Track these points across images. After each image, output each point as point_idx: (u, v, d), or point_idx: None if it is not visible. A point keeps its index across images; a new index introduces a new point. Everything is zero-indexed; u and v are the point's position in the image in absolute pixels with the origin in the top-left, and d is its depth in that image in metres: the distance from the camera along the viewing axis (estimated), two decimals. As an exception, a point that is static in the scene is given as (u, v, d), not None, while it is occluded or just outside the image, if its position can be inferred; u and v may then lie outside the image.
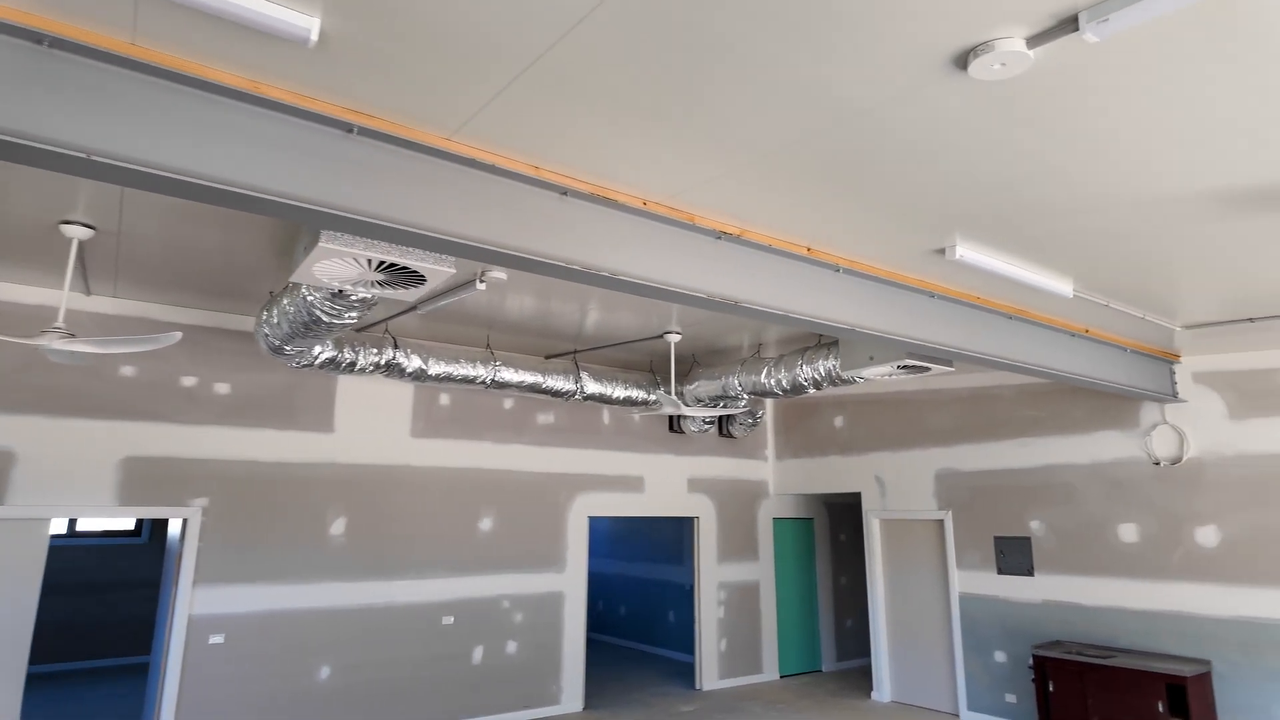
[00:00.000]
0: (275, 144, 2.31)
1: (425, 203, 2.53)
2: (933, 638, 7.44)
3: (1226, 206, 2.93)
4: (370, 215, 2.45)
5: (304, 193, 2.36)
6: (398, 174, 2.49)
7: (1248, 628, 5.48)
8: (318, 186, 2.38)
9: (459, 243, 2.60)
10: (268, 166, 2.32)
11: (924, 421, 7.79)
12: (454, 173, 2.59)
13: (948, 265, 3.83)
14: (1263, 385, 5.62)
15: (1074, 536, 6.50)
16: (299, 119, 2.35)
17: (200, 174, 2.17)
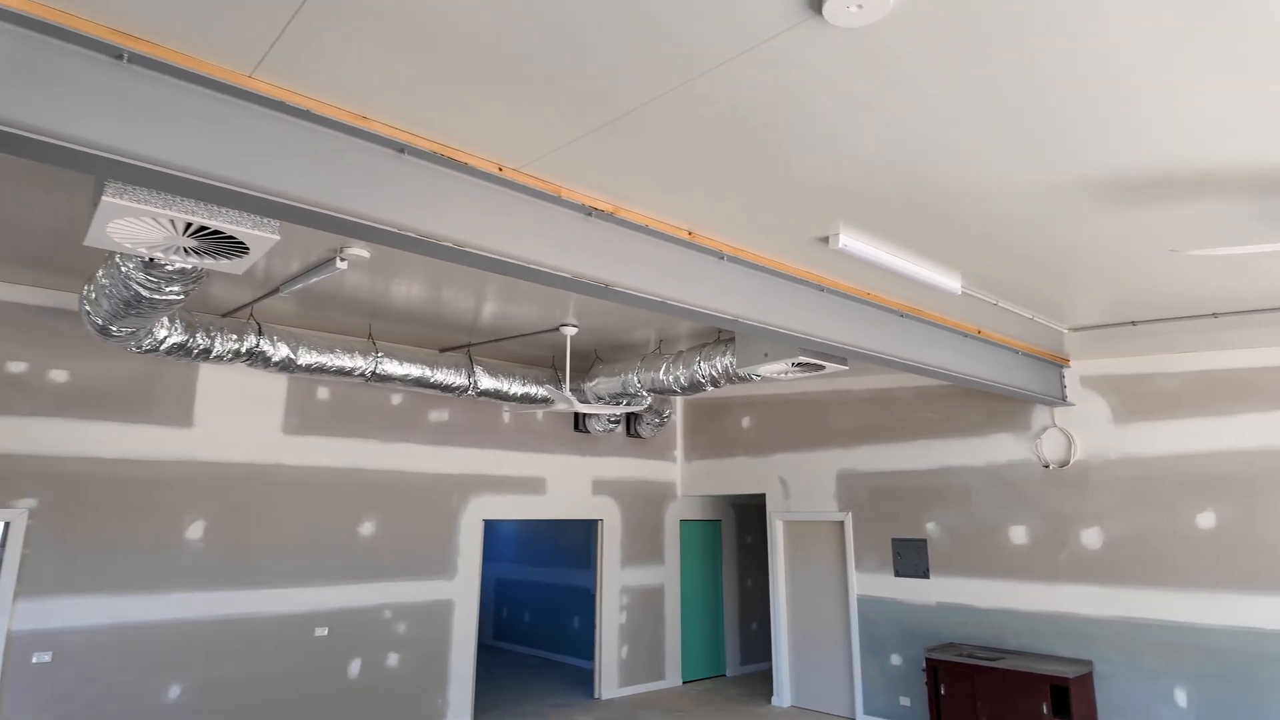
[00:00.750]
0: (31, 70, 1.91)
1: (223, 150, 2.16)
2: (833, 641, 7.38)
3: (1107, 196, 2.85)
4: (153, 161, 2.06)
5: (67, 131, 1.96)
6: (186, 115, 2.12)
7: (1127, 628, 5.58)
8: (85, 125, 1.99)
9: (269, 199, 2.24)
10: (22, 97, 1.91)
11: (828, 422, 7.74)
12: (258, 117, 2.23)
13: (835, 257, 3.67)
14: (1144, 389, 5.75)
15: (968, 538, 6.53)
16: (57, 40, 1.95)
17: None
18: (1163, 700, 5.35)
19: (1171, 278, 3.87)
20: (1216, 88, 2.09)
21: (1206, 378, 5.47)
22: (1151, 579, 5.52)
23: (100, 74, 2.01)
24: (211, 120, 2.16)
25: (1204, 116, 2.23)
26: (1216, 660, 5.16)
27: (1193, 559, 5.35)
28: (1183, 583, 5.37)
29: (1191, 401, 5.51)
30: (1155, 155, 2.49)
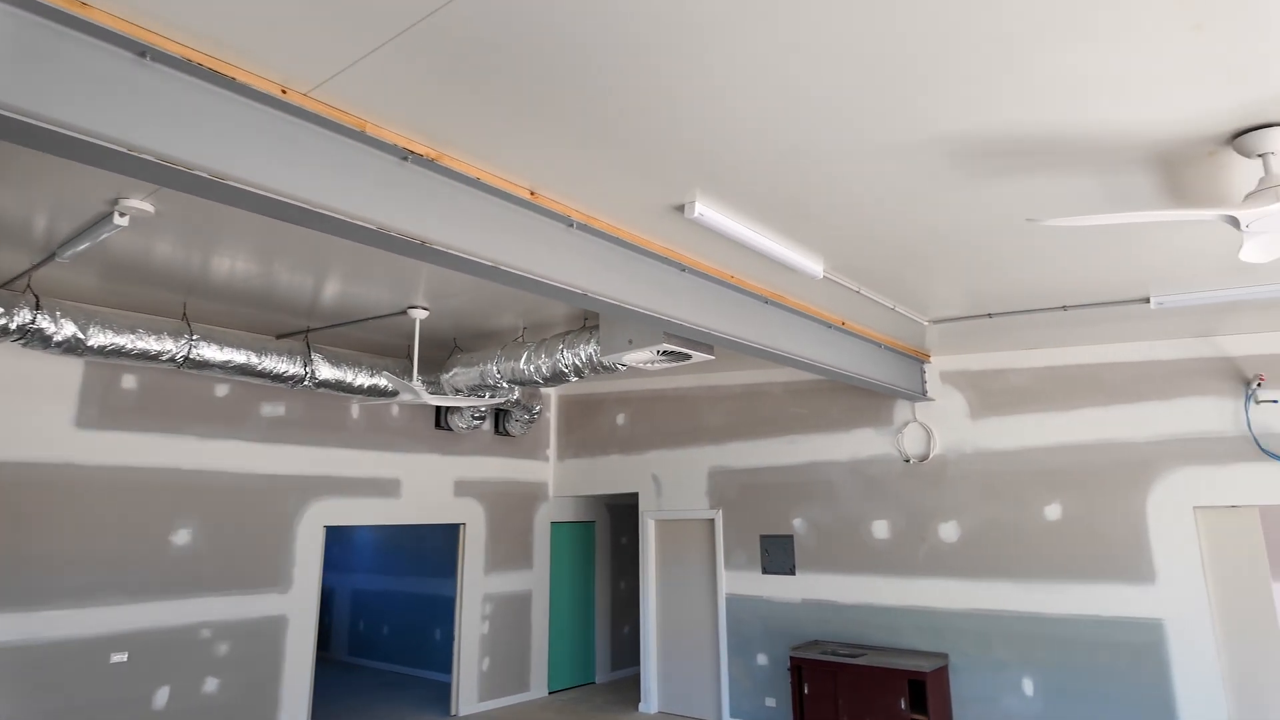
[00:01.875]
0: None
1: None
2: (701, 643, 7.19)
3: (963, 165, 2.71)
4: None
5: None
6: None
7: (981, 620, 5.68)
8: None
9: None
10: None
11: (700, 419, 7.57)
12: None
13: (695, 233, 3.41)
14: (998, 385, 5.89)
15: (833, 534, 6.51)
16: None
17: None
18: (1012, 690, 5.46)
19: (1025, 265, 3.87)
20: (1065, 50, 1.94)
21: (1054, 373, 5.65)
22: (1003, 571, 5.64)
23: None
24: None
25: (1053, 79, 2.10)
26: (1062, 648, 5.32)
27: (1041, 550, 5.50)
28: (1032, 574, 5.51)
29: (1041, 397, 5.68)
30: (1006, 119, 2.35)
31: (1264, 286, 3.93)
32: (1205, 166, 2.56)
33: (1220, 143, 2.40)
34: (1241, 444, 4.90)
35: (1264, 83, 2.06)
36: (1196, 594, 4.90)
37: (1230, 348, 5.03)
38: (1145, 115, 2.26)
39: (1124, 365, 5.39)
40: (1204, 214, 2.24)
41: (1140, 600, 5.08)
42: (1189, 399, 5.11)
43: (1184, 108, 2.21)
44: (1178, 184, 2.67)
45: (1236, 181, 2.62)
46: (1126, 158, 2.53)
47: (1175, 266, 3.79)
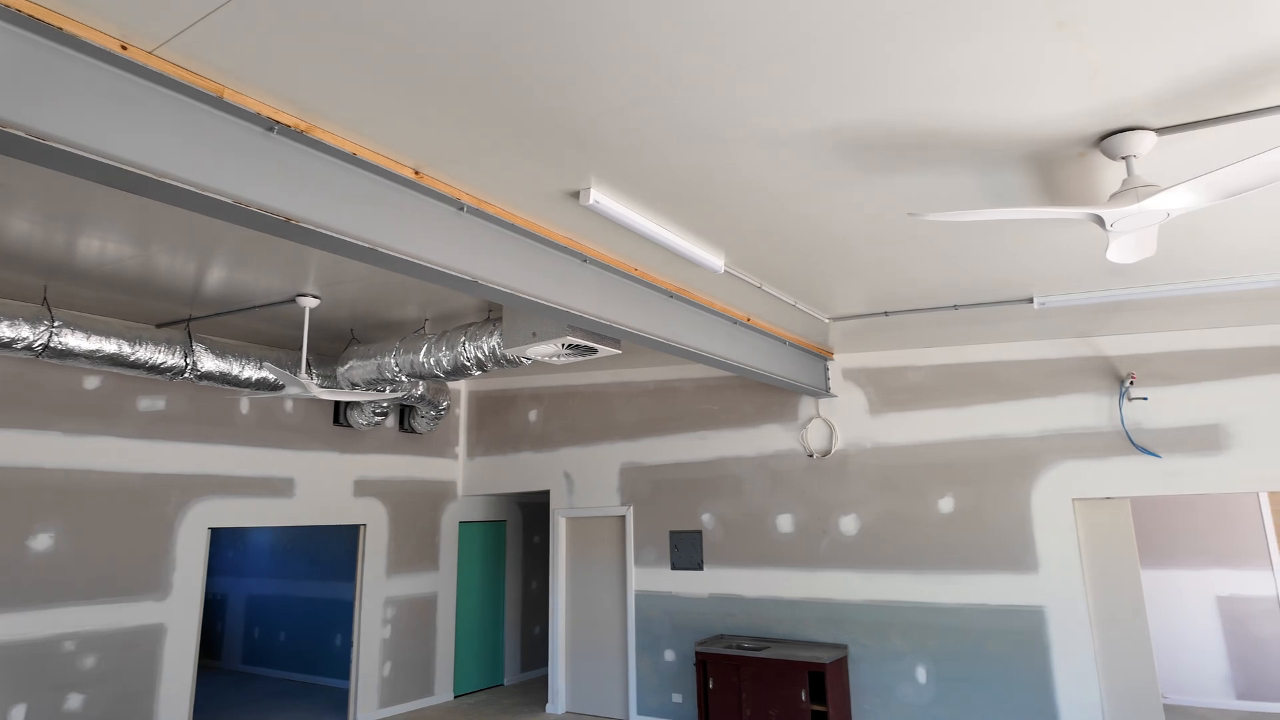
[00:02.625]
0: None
1: None
2: (610, 641, 7.13)
3: (853, 156, 2.73)
4: None
5: None
6: None
7: (878, 610, 5.83)
8: None
9: None
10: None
11: (613, 415, 7.51)
12: None
13: (594, 223, 3.33)
14: (896, 382, 6.06)
15: (739, 528, 6.56)
16: None
17: None
18: (906, 678, 5.63)
19: (917, 264, 3.97)
20: (940, 44, 1.96)
21: (949, 371, 5.86)
22: (900, 562, 5.81)
23: None
24: None
25: (931, 73, 2.12)
26: (952, 637, 5.51)
27: (934, 542, 5.70)
28: (926, 564, 5.70)
29: (936, 393, 5.88)
30: (892, 112, 2.37)
31: (1133, 290, 4.17)
32: (1076, 168, 2.66)
33: (1089, 144, 2.49)
34: (1116, 439, 5.19)
35: (1124, 85, 2.14)
36: (1074, 582, 5.17)
37: (1107, 348, 5.33)
38: (1018, 114, 2.32)
39: (1013, 364, 5.63)
40: (1072, 212, 2.31)
41: (1024, 589, 5.32)
42: (1071, 396, 5.39)
43: (1053, 107, 2.27)
44: (1051, 184, 2.76)
45: (1105, 183, 2.74)
46: (1004, 156, 2.61)
47: (1055, 269, 3.97)
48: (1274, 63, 2.03)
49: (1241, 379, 4.88)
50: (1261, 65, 2.04)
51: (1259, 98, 2.17)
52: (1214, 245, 3.54)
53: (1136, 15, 1.84)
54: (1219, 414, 4.91)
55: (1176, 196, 2.21)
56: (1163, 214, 2.31)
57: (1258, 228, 3.32)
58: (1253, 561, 7.03)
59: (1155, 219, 2.34)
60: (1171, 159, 2.55)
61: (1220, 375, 4.95)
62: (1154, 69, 2.06)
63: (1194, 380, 5.02)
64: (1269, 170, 2.03)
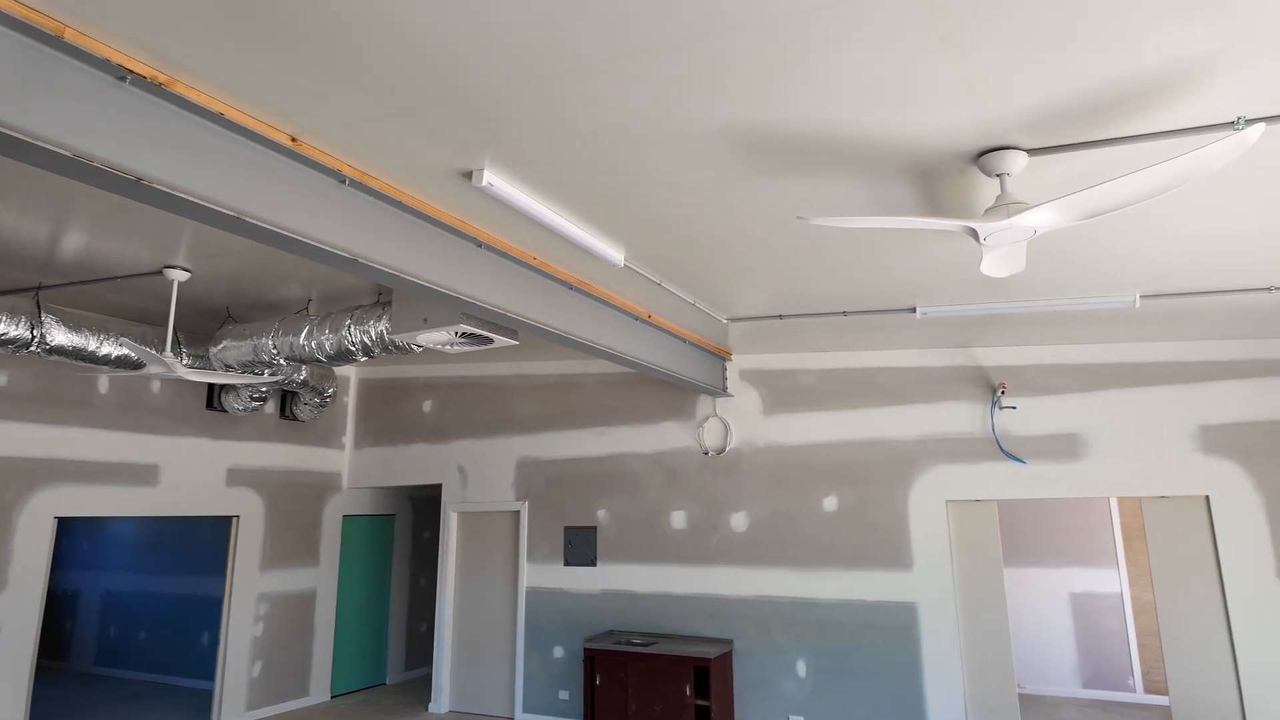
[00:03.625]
0: None
1: None
2: (499, 638, 6.99)
3: (751, 157, 2.75)
4: None
5: None
6: None
7: (763, 606, 5.96)
8: None
9: None
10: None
11: (512, 408, 7.37)
12: None
13: (489, 207, 3.22)
14: (789, 384, 6.22)
15: (634, 524, 6.57)
16: None
17: None
18: (788, 672, 5.79)
19: (809, 270, 4.06)
20: (831, 48, 1.99)
21: (838, 375, 6.06)
22: (785, 559, 5.96)
23: None
24: None
25: (822, 78, 2.15)
26: (832, 631, 5.71)
27: (818, 539, 5.88)
28: (809, 561, 5.87)
29: (825, 396, 6.07)
30: (784, 116, 2.39)
31: (1004, 304, 4.42)
32: (956, 183, 2.77)
33: (967, 161, 2.60)
34: (986, 444, 5.51)
35: (1000, 103, 2.24)
36: (944, 579, 5.45)
37: (982, 358, 5.64)
38: (904, 125, 2.39)
39: (897, 370, 5.88)
40: (949, 224, 2.40)
41: (899, 585, 5.56)
42: (948, 403, 5.68)
43: (935, 121, 2.35)
44: (933, 197, 2.88)
45: (981, 199, 2.88)
46: (890, 167, 2.68)
47: (936, 281, 4.15)
48: (1134, 92, 2.17)
49: (1097, 392, 5.28)
50: (1124, 94, 2.17)
51: (1122, 126, 2.32)
52: (1073, 267, 3.79)
53: (1012, 34, 1.92)
54: (1077, 424, 5.29)
55: (1042, 215, 2.33)
56: (1030, 230, 2.44)
57: (1109, 253, 3.58)
58: (1102, 561, 7.64)
59: (1024, 235, 2.46)
60: (1043, 180, 2.70)
61: (1079, 388, 5.34)
62: (1027, 89, 2.16)
63: (1057, 392, 5.39)
64: (1124, 194, 2.17)
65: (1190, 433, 4.98)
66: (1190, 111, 2.24)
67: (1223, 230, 3.25)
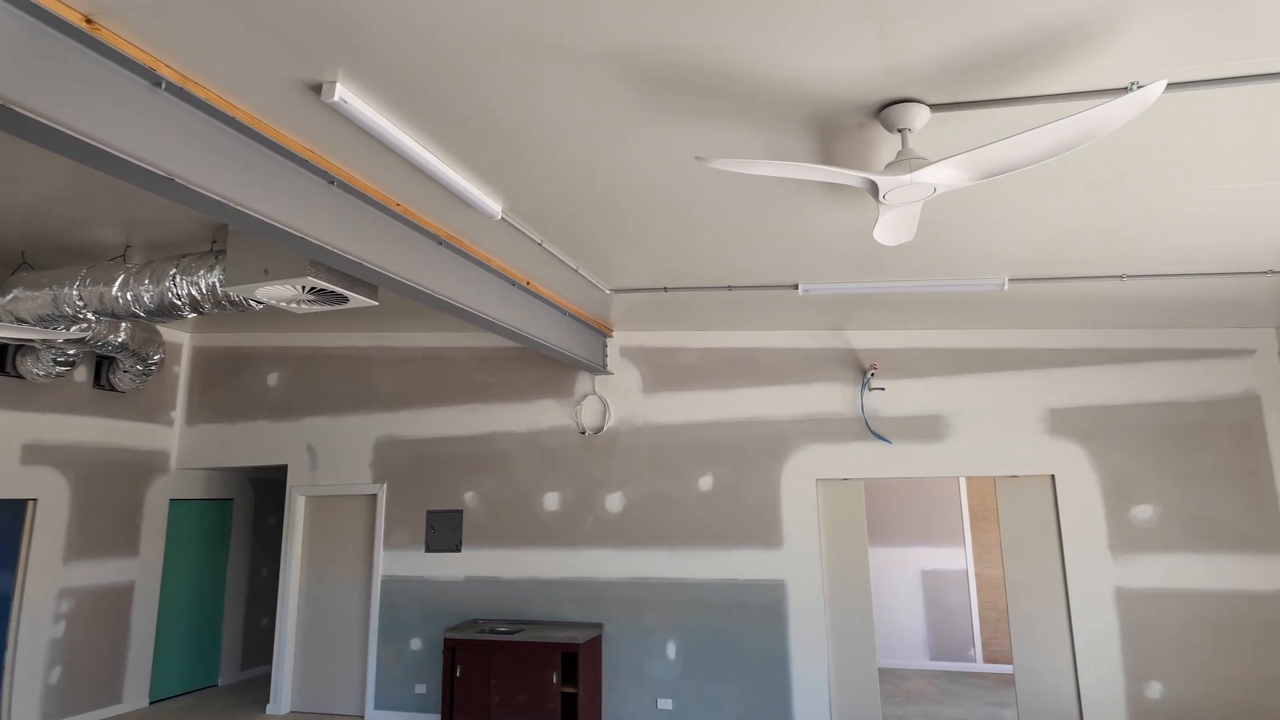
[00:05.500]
0: None
1: None
2: (349, 631, 6.44)
3: (642, 92, 2.52)
4: None
5: None
6: None
7: (635, 588, 5.81)
8: None
9: None
10: None
11: (372, 382, 6.79)
12: None
13: (345, 134, 2.80)
14: (671, 362, 6.09)
15: (504, 507, 6.23)
16: None
17: None
18: (658, 654, 5.67)
19: (696, 238, 3.90)
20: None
21: (719, 355, 5.99)
22: (659, 540, 5.83)
23: None
24: None
25: (736, 5, 1.95)
26: (703, 611, 5.64)
27: (693, 519, 5.79)
28: (683, 541, 5.77)
29: (706, 376, 5.99)
30: (681, 42, 2.18)
31: (884, 283, 4.47)
32: (855, 139, 2.67)
33: (868, 114, 2.50)
34: (856, 424, 5.61)
35: (908, 49, 2.13)
36: (812, 556, 5.51)
37: (855, 341, 5.75)
38: (806, 65, 2.24)
39: (775, 351, 5.88)
40: (851, 175, 2.28)
41: (769, 563, 5.58)
42: (821, 384, 5.74)
43: (842, 64, 2.21)
44: (831, 154, 2.77)
45: (880, 159, 2.80)
46: (789, 115, 2.54)
47: (819, 257, 4.11)
48: (1036, 48, 2.12)
49: (959, 376, 5.50)
50: (1026, 48, 2.11)
51: (1023, 84, 2.28)
52: (948, 248, 3.86)
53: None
54: (940, 406, 5.49)
55: (943, 171, 2.25)
56: (930, 188, 2.36)
57: (982, 236, 3.66)
58: (950, 539, 8.11)
59: (924, 193, 2.38)
60: (943, 139, 2.64)
61: (943, 372, 5.54)
62: (935, 34, 2.06)
63: (922, 375, 5.57)
64: (1023, 151, 2.11)
65: (1040, 415, 5.29)
66: (1091, 73, 2.22)
67: (1079, 220, 3.37)
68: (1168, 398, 5.09)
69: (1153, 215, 3.35)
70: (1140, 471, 5.06)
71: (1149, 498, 5.02)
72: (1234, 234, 3.51)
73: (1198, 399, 5.04)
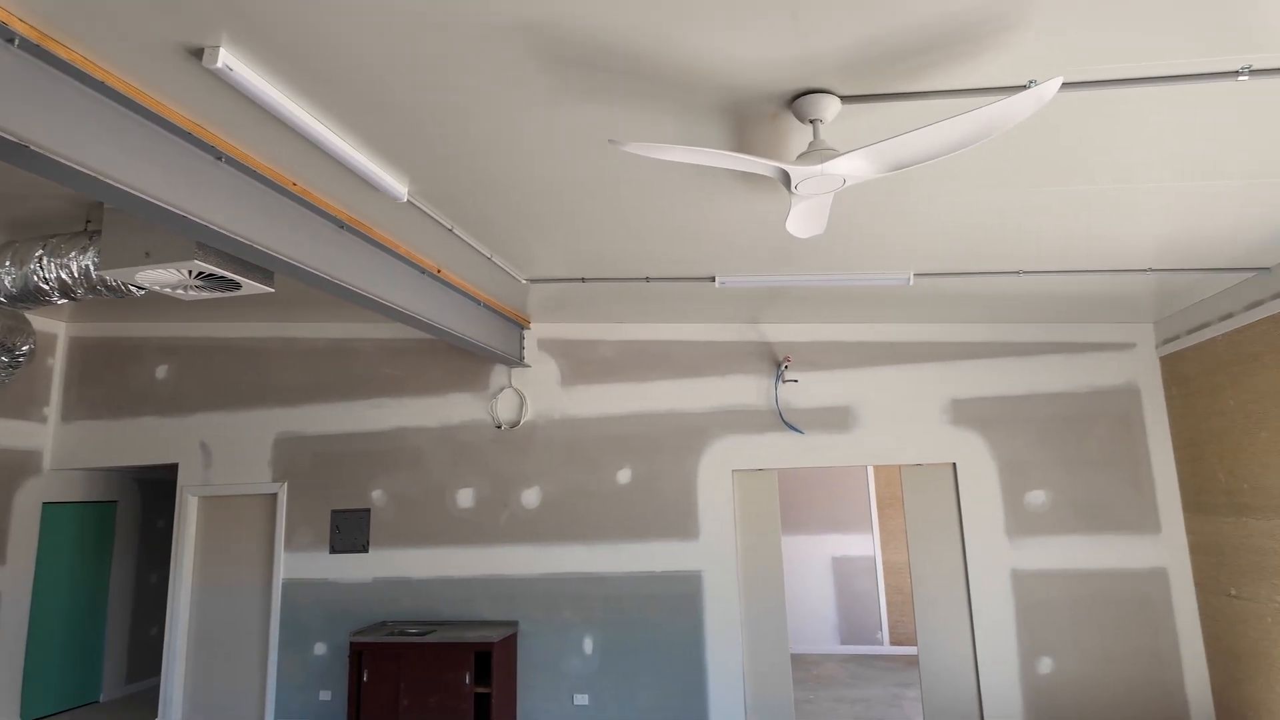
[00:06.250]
0: None
1: None
2: (247, 638, 6.09)
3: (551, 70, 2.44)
4: None
5: None
6: None
7: (552, 584, 5.73)
8: None
9: None
10: None
11: (272, 375, 6.43)
12: None
13: (233, 106, 2.60)
14: (589, 355, 6.02)
15: (415, 505, 6.02)
16: None
17: None
18: (574, 650, 5.60)
19: (612, 227, 3.85)
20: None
21: (637, 347, 5.96)
22: (576, 534, 5.76)
23: None
24: None
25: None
26: (620, 605, 5.61)
27: (610, 513, 5.75)
28: (601, 535, 5.72)
29: (623, 368, 5.95)
30: (595, 21, 2.11)
31: (797, 276, 4.53)
32: (768, 129, 2.67)
33: (781, 104, 2.50)
34: (770, 416, 5.70)
35: (821, 37, 2.13)
36: (728, 547, 5.56)
37: (769, 334, 5.83)
38: (720, 51, 2.21)
39: (692, 344, 5.90)
40: (763, 163, 2.27)
41: (686, 555, 5.60)
42: (738, 376, 5.80)
43: (756, 51, 2.20)
44: (745, 143, 2.76)
45: (793, 149, 2.81)
46: (702, 103, 2.51)
47: (735, 251, 4.13)
48: (942, 42, 2.16)
49: (867, 369, 5.66)
50: (933, 42, 2.15)
51: (931, 79, 2.32)
52: (857, 243, 3.94)
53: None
54: (849, 398, 5.64)
55: (853, 162, 2.27)
56: (840, 180, 2.38)
57: (889, 233, 3.76)
58: (859, 527, 8.38)
59: (834, 184, 2.40)
60: (854, 131, 2.67)
61: (852, 364, 5.68)
62: (846, 28, 2.07)
63: (832, 368, 5.70)
64: (929, 144, 2.15)
65: (943, 406, 5.50)
66: (994, 71, 2.29)
67: (981, 217, 3.51)
68: (1060, 389, 5.39)
69: (1047, 213, 3.51)
70: (1034, 459, 5.34)
71: (1042, 483, 5.30)
72: (1118, 233, 3.73)
73: (1086, 390, 5.36)
